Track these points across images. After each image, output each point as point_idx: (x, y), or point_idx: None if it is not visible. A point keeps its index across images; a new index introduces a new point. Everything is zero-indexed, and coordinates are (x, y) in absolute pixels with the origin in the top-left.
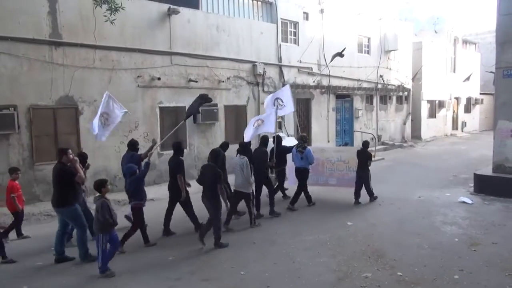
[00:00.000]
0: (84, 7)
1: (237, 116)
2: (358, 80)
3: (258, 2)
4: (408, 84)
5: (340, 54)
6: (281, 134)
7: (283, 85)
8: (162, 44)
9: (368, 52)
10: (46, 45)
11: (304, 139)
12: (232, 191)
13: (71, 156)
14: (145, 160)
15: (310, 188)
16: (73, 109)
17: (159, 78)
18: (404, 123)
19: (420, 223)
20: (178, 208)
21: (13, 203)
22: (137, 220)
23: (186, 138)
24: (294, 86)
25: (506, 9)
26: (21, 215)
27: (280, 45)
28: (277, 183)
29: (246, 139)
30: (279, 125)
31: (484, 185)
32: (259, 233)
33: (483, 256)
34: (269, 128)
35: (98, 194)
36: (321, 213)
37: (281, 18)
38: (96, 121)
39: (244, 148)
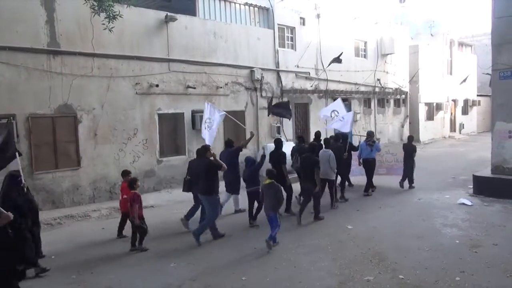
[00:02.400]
0: (82, 16)
1: (235, 122)
2: (356, 84)
3: (255, 8)
4: (406, 87)
5: (338, 60)
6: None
7: (281, 90)
8: (160, 51)
9: (365, 56)
10: (44, 54)
11: (372, 134)
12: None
13: (211, 152)
14: (262, 153)
15: (356, 179)
16: (72, 117)
17: (157, 85)
18: (402, 126)
19: (421, 225)
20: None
21: (126, 204)
22: (258, 200)
23: (185, 144)
24: (292, 91)
25: (501, 12)
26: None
27: (277, 50)
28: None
29: (344, 130)
30: (278, 130)
31: (483, 187)
32: (260, 238)
33: (484, 258)
34: (346, 129)
35: (268, 181)
36: None
37: (278, 24)
38: (203, 129)
39: (327, 144)
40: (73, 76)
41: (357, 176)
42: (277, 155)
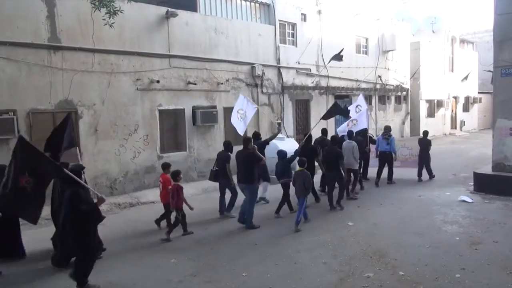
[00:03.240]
0: (83, 11)
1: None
2: (357, 80)
3: (256, 4)
4: (407, 84)
5: (339, 58)
6: (279, 135)
7: (282, 86)
8: (160, 47)
9: (366, 53)
10: (45, 50)
11: (389, 129)
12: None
13: (252, 144)
14: (297, 148)
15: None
16: (72, 113)
17: (158, 81)
18: (403, 123)
19: (421, 222)
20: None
21: (168, 195)
22: (286, 192)
23: (185, 140)
24: (293, 88)
25: (503, 8)
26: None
27: (279, 46)
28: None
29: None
30: (279, 127)
31: (484, 184)
32: (260, 234)
33: (484, 255)
34: (364, 125)
35: (299, 169)
36: (321, 214)
37: (279, 20)
38: (234, 119)
39: (350, 136)
40: (73, 72)
41: (371, 168)
42: (308, 149)
